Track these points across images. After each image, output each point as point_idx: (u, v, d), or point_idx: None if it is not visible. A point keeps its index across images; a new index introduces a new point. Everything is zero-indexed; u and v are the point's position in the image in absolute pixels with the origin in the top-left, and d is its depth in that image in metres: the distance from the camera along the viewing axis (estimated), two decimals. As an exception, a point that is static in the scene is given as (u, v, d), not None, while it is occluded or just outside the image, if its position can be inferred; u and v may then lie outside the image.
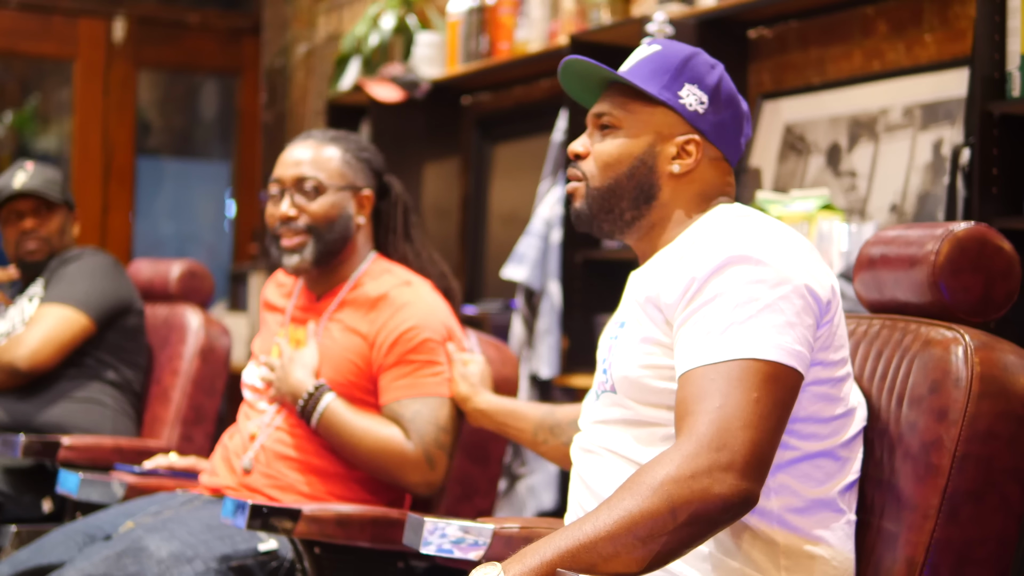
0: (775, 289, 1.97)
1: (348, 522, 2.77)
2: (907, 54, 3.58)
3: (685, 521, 1.84)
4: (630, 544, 1.84)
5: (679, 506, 1.84)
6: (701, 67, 2.19)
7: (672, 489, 1.84)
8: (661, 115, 2.19)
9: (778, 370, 1.93)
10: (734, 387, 1.91)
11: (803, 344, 1.96)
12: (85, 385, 4.00)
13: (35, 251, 4.14)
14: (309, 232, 3.05)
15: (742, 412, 1.89)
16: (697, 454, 1.86)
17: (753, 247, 2.01)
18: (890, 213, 3.48)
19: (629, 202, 2.20)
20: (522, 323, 4.46)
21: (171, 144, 8.17)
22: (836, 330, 2.05)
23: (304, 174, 3.06)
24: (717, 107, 2.19)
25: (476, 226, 5.43)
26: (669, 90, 2.18)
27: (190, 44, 7.50)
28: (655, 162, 2.19)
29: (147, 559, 2.75)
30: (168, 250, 7.77)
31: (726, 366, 1.93)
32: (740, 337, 1.94)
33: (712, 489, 1.84)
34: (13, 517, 3.74)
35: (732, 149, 2.22)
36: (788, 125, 3.84)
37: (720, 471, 1.85)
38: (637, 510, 1.84)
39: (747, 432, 1.87)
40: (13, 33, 7.09)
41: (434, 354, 2.97)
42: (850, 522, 2.08)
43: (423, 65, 5.25)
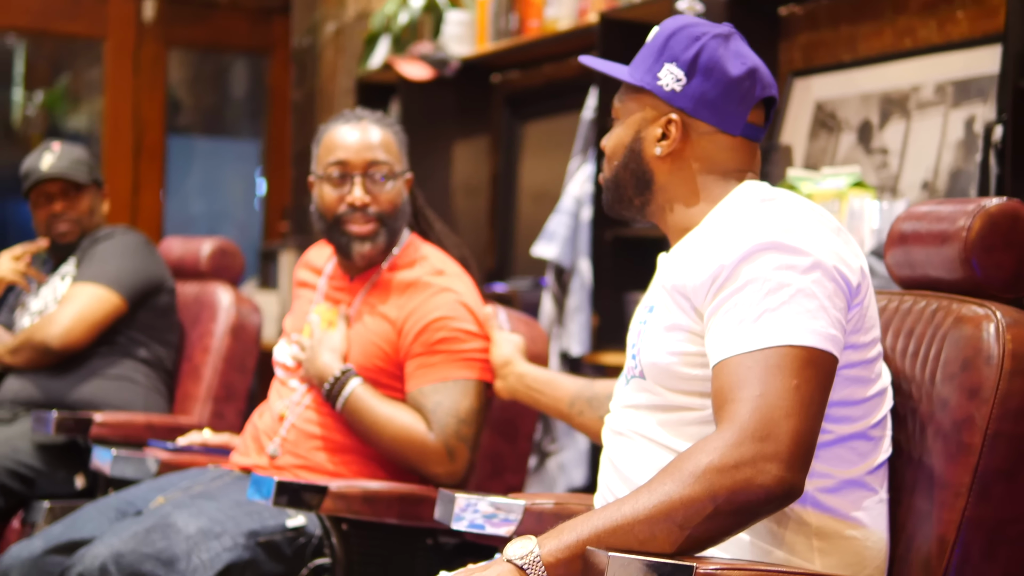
0: (806, 274, 1.96)
1: (375, 499, 2.77)
2: (939, 31, 3.56)
3: (726, 510, 1.83)
4: (667, 529, 1.84)
5: (720, 495, 1.83)
6: (681, 42, 2.16)
7: (714, 478, 1.83)
8: (645, 100, 2.19)
9: (815, 355, 1.92)
10: (773, 374, 1.89)
11: (837, 327, 1.95)
12: (117, 363, 4.02)
13: (66, 233, 4.15)
14: (379, 220, 3.03)
15: (784, 400, 1.87)
16: (740, 443, 1.85)
17: (781, 232, 1.99)
18: (922, 190, 3.46)
19: (632, 189, 2.21)
20: (552, 301, 4.46)
21: (201, 123, 8.19)
22: (866, 311, 2.04)
23: (377, 159, 3.03)
24: (696, 80, 2.15)
25: (506, 204, 5.43)
26: (650, 73, 2.17)
27: (220, 23, 7.51)
28: (641, 147, 2.19)
29: (175, 535, 2.77)
30: (199, 228, 7.79)
31: (762, 354, 1.91)
32: (775, 324, 1.93)
33: (755, 480, 1.83)
34: (46, 493, 3.77)
35: (726, 119, 2.16)
36: (819, 103, 3.82)
37: (764, 461, 1.84)
38: (677, 495, 1.84)
39: (790, 421, 1.86)
40: (44, 13, 7.11)
41: (460, 342, 2.96)
42: (882, 501, 2.08)
43: (453, 43, 5.24)
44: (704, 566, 1.79)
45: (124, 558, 2.72)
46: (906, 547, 2.06)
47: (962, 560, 1.98)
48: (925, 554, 2.01)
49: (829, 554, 2.02)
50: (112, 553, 2.73)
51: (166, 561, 2.72)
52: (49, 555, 2.98)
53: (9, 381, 4.01)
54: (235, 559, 2.77)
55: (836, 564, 2.02)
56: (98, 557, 2.74)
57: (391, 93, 5.72)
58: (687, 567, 1.78)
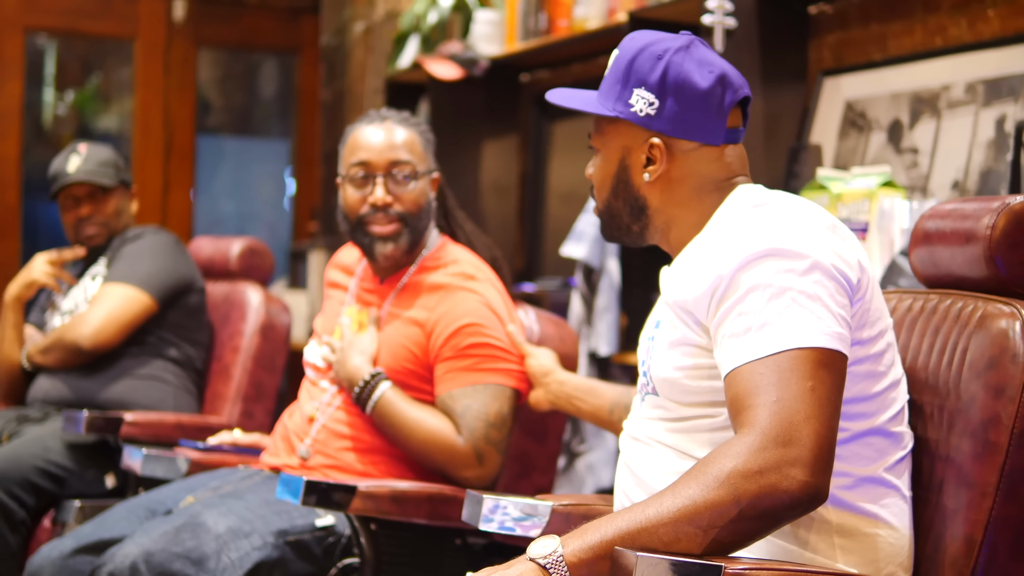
0: (805, 276, 1.95)
1: (404, 499, 2.77)
2: (970, 30, 3.54)
3: (750, 515, 1.84)
4: (691, 532, 1.84)
5: (745, 500, 1.83)
6: (646, 64, 2.14)
7: (739, 483, 1.83)
8: (623, 129, 2.18)
9: (825, 355, 1.91)
10: (787, 378, 1.89)
11: (843, 325, 1.94)
12: (147, 362, 4.03)
13: (94, 236, 4.17)
14: (401, 221, 3.03)
15: (802, 403, 1.87)
16: (764, 448, 1.85)
17: (776, 237, 1.99)
18: (952, 190, 3.45)
19: (628, 217, 2.21)
20: (580, 301, 4.46)
21: (231, 122, 8.21)
22: (870, 305, 2.03)
23: (399, 159, 3.03)
24: (667, 101, 2.13)
25: (534, 204, 5.42)
26: (621, 101, 2.16)
27: (249, 23, 7.53)
28: (629, 176, 2.18)
29: (205, 534, 2.77)
30: (228, 228, 7.81)
31: (774, 359, 1.91)
32: (782, 328, 1.92)
33: (780, 485, 1.83)
34: (77, 492, 3.79)
35: (706, 132, 2.15)
36: (849, 102, 3.81)
37: (788, 466, 1.84)
38: (702, 499, 1.84)
39: (811, 424, 1.86)
40: (74, 13, 7.14)
41: (491, 349, 2.96)
42: (905, 498, 2.07)
43: (482, 43, 5.24)
44: (732, 566, 1.79)
45: (154, 557, 2.73)
46: (934, 547, 2.05)
47: (990, 559, 1.97)
48: (953, 554, 2.01)
49: (851, 552, 2.01)
50: (142, 552, 2.74)
51: (196, 560, 2.73)
52: (79, 554, 2.99)
53: (40, 381, 4.03)
54: (264, 558, 2.78)
55: (858, 562, 2.01)
56: (128, 556, 2.75)
57: (420, 93, 5.72)
58: (716, 567, 1.78)
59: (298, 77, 7.71)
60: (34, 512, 3.75)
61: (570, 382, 2.96)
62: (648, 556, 1.78)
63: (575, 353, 3.24)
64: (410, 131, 3.07)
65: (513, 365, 2.98)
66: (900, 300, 2.25)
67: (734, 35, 3.77)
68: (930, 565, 2.05)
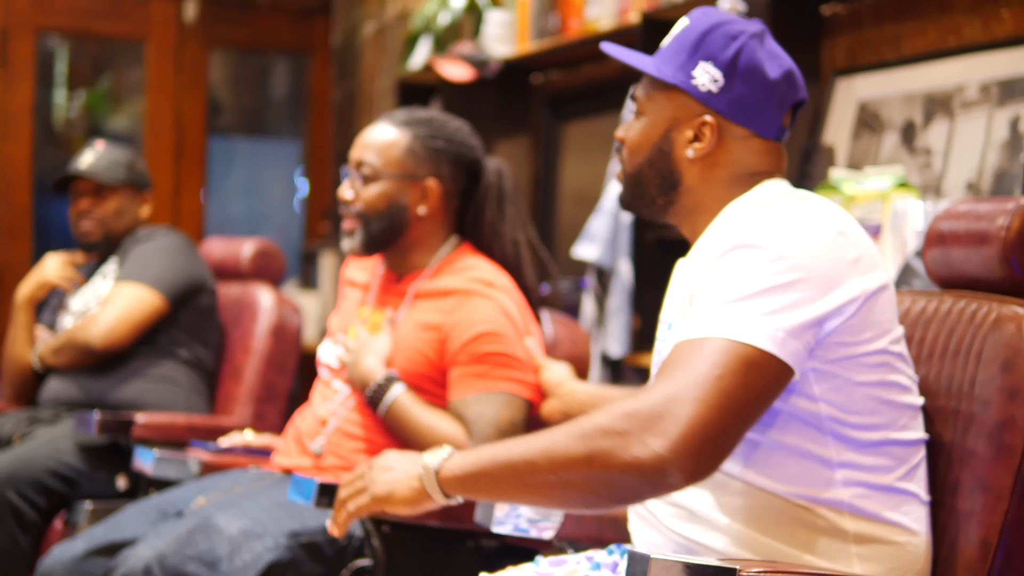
0: (779, 277, 1.92)
1: (418, 501, 2.77)
2: (984, 30, 3.53)
3: (598, 472, 1.86)
4: (545, 476, 1.90)
5: (595, 455, 1.85)
6: (718, 41, 2.11)
7: (597, 438, 1.86)
8: (677, 98, 2.13)
9: (760, 358, 1.88)
10: (701, 361, 1.87)
11: (798, 338, 1.90)
12: (158, 363, 4.03)
13: (88, 232, 4.18)
14: (359, 218, 3.04)
15: (698, 387, 1.85)
16: (635, 413, 1.85)
17: (761, 234, 1.96)
18: (966, 191, 3.44)
19: (656, 188, 2.16)
20: (593, 302, 4.45)
21: (242, 123, 8.22)
22: (869, 316, 1.98)
23: (361, 158, 3.04)
24: (733, 82, 2.10)
25: (547, 205, 5.42)
26: (683, 71, 2.12)
27: (261, 23, 7.53)
28: (671, 148, 2.14)
29: (217, 536, 2.77)
30: (239, 229, 7.81)
31: (703, 341, 1.89)
32: (728, 318, 1.90)
33: (631, 449, 1.84)
34: (88, 493, 3.79)
35: (762, 123, 2.13)
36: (862, 102, 3.80)
37: (649, 435, 1.83)
38: (562, 446, 1.89)
39: (695, 406, 1.84)
40: (86, 14, 7.15)
41: (506, 358, 2.95)
42: (923, 503, 2.05)
43: (493, 43, 5.24)
44: (748, 569, 1.78)
45: (168, 560, 2.73)
46: (949, 550, 2.05)
47: (1005, 563, 1.96)
48: (968, 557, 2.00)
49: (869, 560, 2.00)
50: (156, 555, 2.74)
51: (209, 563, 2.73)
52: (91, 556, 3.00)
53: (51, 382, 4.04)
54: (276, 559, 2.77)
55: (877, 570, 2.00)
56: (142, 559, 2.75)
57: (432, 94, 5.72)
58: (730, 570, 1.77)
59: (309, 78, 7.72)
60: (46, 513, 3.75)
61: (583, 390, 2.95)
62: (662, 559, 1.78)
63: (587, 355, 3.23)
64: (400, 133, 3.04)
65: (527, 376, 2.97)
66: (914, 301, 2.24)
67: (747, 35, 3.76)
68: (945, 568, 2.04)
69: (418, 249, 3.08)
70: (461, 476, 2.03)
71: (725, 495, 2.00)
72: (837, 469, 1.98)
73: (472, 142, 3.13)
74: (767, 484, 1.98)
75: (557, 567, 2.20)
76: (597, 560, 2.23)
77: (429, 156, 3.05)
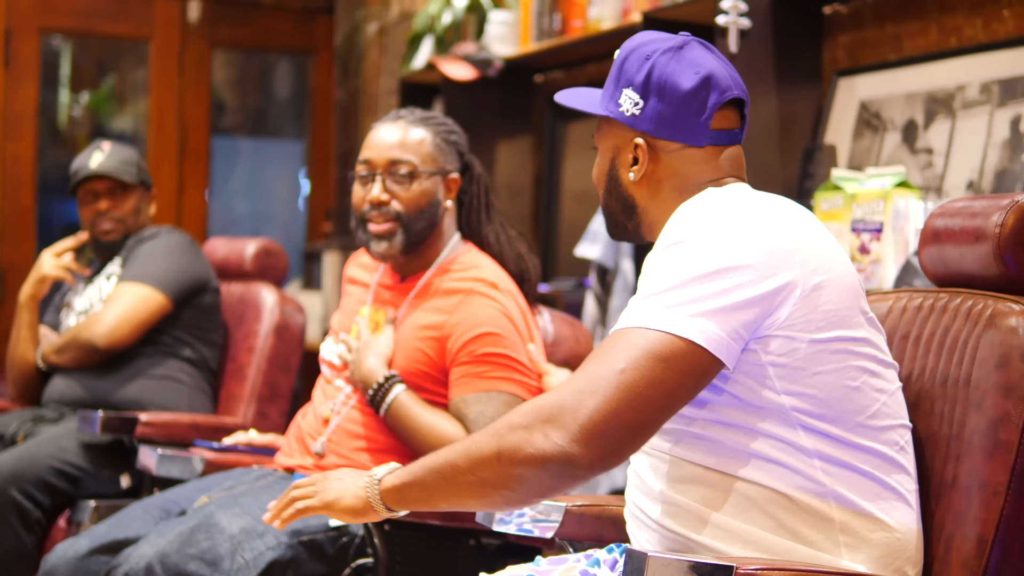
0: (698, 267, 1.96)
1: (419, 499, 2.78)
2: (985, 30, 3.54)
3: (508, 463, 1.93)
4: (467, 478, 1.97)
5: (504, 450, 1.93)
6: (634, 65, 2.16)
7: (505, 432, 1.94)
8: (614, 128, 2.21)
9: (673, 345, 1.92)
10: (608, 355, 1.93)
11: (724, 330, 1.93)
12: (162, 362, 4.04)
13: (109, 231, 4.18)
14: (398, 220, 3.03)
15: (601, 381, 1.91)
16: (541, 407, 1.93)
17: (686, 230, 2.01)
18: (967, 190, 3.44)
19: (621, 215, 2.24)
20: (595, 301, 4.46)
21: (245, 123, 8.22)
22: (820, 308, 1.99)
23: (398, 158, 3.03)
24: (651, 101, 2.15)
25: (549, 204, 5.42)
26: (612, 101, 2.19)
27: (264, 24, 7.54)
28: (618, 175, 2.21)
29: (219, 534, 2.78)
30: (243, 229, 7.82)
31: (616, 335, 1.96)
32: (647, 309, 1.96)
33: (535, 442, 1.91)
34: (92, 492, 3.80)
35: (688, 133, 2.15)
36: (863, 102, 3.81)
37: (551, 428, 1.91)
38: (478, 442, 1.97)
39: (594, 399, 1.90)
40: (89, 14, 7.15)
41: (507, 360, 2.96)
42: (902, 495, 2.05)
43: (496, 43, 5.24)
44: (745, 566, 1.78)
45: (169, 558, 2.74)
46: (946, 546, 2.05)
47: (1001, 559, 1.97)
48: (964, 554, 2.00)
49: (857, 549, 2.01)
50: (158, 553, 2.75)
51: (210, 561, 2.74)
52: (94, 555, 3.00)
53: (55, 381, 4.04)
54: (278, 558, 2.78)
55: (864, 559, 2.01)
56: (144, 558, 2.75)
57: (434, 93, 5.73)
58: (727, 567, 1.78)
59: (312, 78, 7.72)
60: (49, 512, 3.76)
61: None
62: (659, 556, 1.79)
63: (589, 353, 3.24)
64: (424, 131, 3.07)
65: (528, 380, 2.98)
66: (910, 299, 2.24)
67: (748, 36, 3.77)
68: (942, 565, 2.05)
69: (433, 245, 3.09)
70: (398, 486, 2.11)
71: (710, 490, 2.02)
72: (815, 459, 1.99)
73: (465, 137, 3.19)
74: (750, 476, 2.00)
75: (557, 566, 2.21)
76: (597, 558, 2.24)
77: (450, 151, 3.11)
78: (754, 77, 3.81)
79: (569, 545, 2.45)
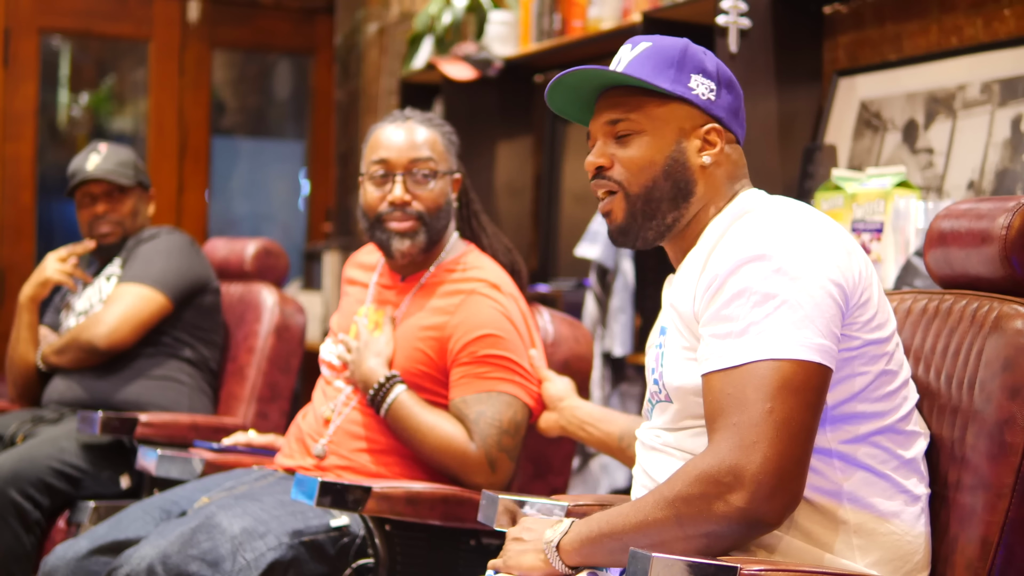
0: (794, 283, 1.96)
1: (418, 500, 2.78)
2: (985, 29, 3.53)
3: (693, 534, 1.92)
4: (646, 542, 1.94)
5: (686, 521, 1.91)
6: (698, 55, 2.19)
7: (680, 507, 1.92)
8: (678, 109, 2.18)
9: (800, 368, 1.92)
10: (749, 399, 1.92)
11: (827, 336, 1.94)
12: (162, 363, 4.04)
13: (108, 234, 4.18)
14: (420, 219, 3.03)
15: (755, 428, 1.90)
16: (707, 476, 1.90)
17: (767, 244, 2.00)
18: (968, 190, 3.44)
19: (669, 203, 2.18)
20: (595, 301, 4.46)
21: (245, 124, 8.22)
22: (877, 308, 2.03)
23: (419, 156, 3.04)
24: (723, 91, 2.19)
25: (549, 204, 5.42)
26: (680, 83, 2.17)
27: (264, 24, 7.54)
28: (686, 158, 2.17)
29: (220, 535, 2.78)
30: (243, 229, 7.82)
31: (744, 371, 1.94)
32: (759, 338, 1.94)
33: (718, 511, 1.90)
34: (92, 493, 3.79)
35: (742, 129, 2.23)
36: (864, 102, 3.80)
37: (728, 493, 1.89)
38: (652, 518, 1.95)
39: (759, 450, 1.89)
40: (89, 14, 7.15)
41: (508, 362, 2.96)
42: (920, 496, 2.06)
43: (496, 44, 5.24)
44: (748, 567, 1.78)
45: (170, 559, 2.73)
46: (950, 548, 2.05)
47: (1006, 561, 1.97)
48: (969, 556, 2.00)
49: (869, 551, 2.02)
50: (159, 554, 2.75)
51: (211, 562, 2.74)
52: (94, 555, 3.00)
53: (55, 382, 4.04)
54: (279, 558, 2.78)
55: (877, 561, 2.01)
56: (145, 559, 2.75)
57: (434, 93, 5.72)
58: (731, 568, 1.77)
59: (312, 78, 7.72)
60: (49, 513, 3.76)
61: (583, 408, 2.97)
62: (663, 557, 1.79)
63: (590, 354, 3.24)
64: (432, 131, 3.08)
65: (529, 384, 2.98)
66: (915, 301, 2.24)
67: (748, 35, 3.76)
68: (946, 567, 2.05)
69: (439, 244, 3.10)
70: (576, 549, 2.08)
71: None
72: (835, 459, 2.00)
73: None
74: None
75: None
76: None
77: (454, 151, 3.12)
78: (754, 77, 3.80)
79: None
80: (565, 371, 3.14)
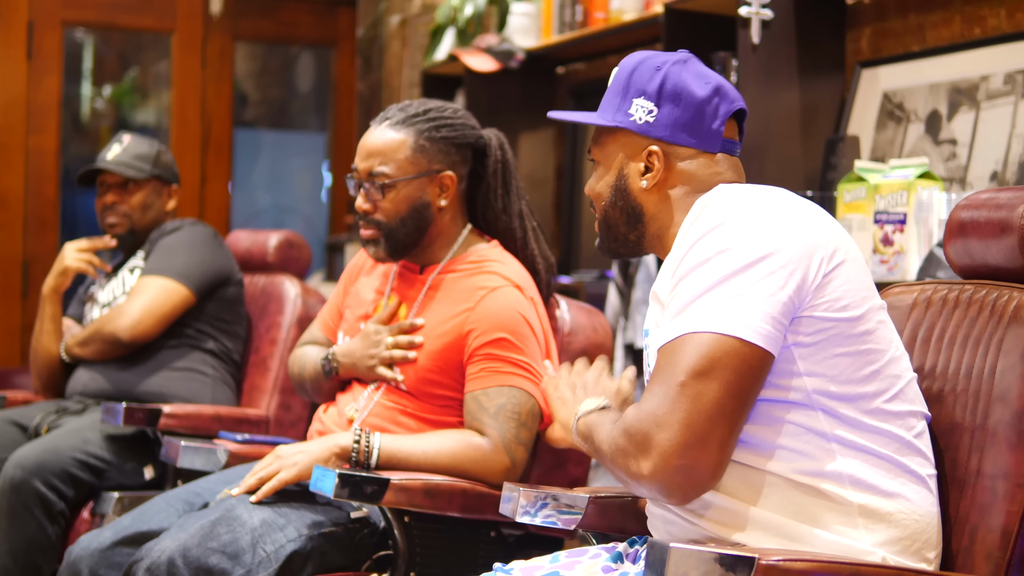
0: (749, 265, 1.98)
1: (437, 492, 2.78)
2: (1009, 20, 3.52)
3: (621, 479, 2.02)
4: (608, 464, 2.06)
5: (617, 465, 2.01)
6: (644, 75, 2.21)
7: (615, 452, 2.01)
8: (621, 138, 2.24)
9: (725, 344, 1.95)
10: (677, 370, 1.96)
11: (765, 320, 1.96)
12: (185, 355, 4.05)
13: (114, 225, 4.20)
14: (379, 228, 3.02)
15: (671, 402, 1.95)
16: (627, 432, 1.99)
17: (720, 229, 2.03)
18: (991, 181, 3.43)
19: (625, 226, 2.26)
20: (617, 293, 4.46)
21: (268, 116, 8.23)
22: (838, 290, 2.02)
23: (371, 169, 3.01)
24: (666, 108, 2.19)
25: (571, 196, 5.42)
26: (620, 111, 2.23)
27: (286, 16, 7.55)
28: (627, 184, 2.23)
29: (240, 527, 2.78)
30: (265, 221, 7.83)
31: (681, 341, 1.98)
32: (693, 312, 1.98)
33: (630, 467, 1.98)
34: (116, 484, 3.81)
35: (703, 138, 2.20)
36: (887, 93, 3.79)
37: (640, 456, 1.96)
38: (613, 448, 2.04)
39: (670, 432, 1.94)
40: (112, 7, 7.17)
41: (523, 357, 2.93)
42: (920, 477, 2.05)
43: (518, 35, 5.24)
44: (767, 557, 1.78)
45: (191, 552, 2.74)
46: (970, 538, 2.05)
47: (1027, 551, 1.96)
48: (989, 545, 2.00)
49: (875, 531, 2.01)
50: (179, 547, 2.75)
51: (232, 554, 2.74)
52: (118, 546, 3.01)
53: (79, 373, 4.06)
54: (298, 549, 2.78)
55: (885, 540, 2.01)
56: (165, 552, 2.76)
57: (456, 85, 5.73)
58: (750, 558, 1.77)
59: (334, 70, 7.73)
60: (73, 503, 3.77)
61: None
62: (681, 547, 1.79)
63: (608, 343, 3.23)
64: (406, 134, 3.01)
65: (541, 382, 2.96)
66: (935, 291, 2.24)
67: (771, 27, 3.76)
68: (966, 557, 2.04)
69: (440, 242, 3.08)
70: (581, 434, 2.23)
71: (729, 478, 2.03)
72: (833, 443, 2.00)
73: (472, 122, 3.11)
74: (769, 464, 2.01)
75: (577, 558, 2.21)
76: (619, 551, 2.24)
77: (439, 148, 3.03)
78: (776, 68, 3.80)
79: (592, 536, 2.46)
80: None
